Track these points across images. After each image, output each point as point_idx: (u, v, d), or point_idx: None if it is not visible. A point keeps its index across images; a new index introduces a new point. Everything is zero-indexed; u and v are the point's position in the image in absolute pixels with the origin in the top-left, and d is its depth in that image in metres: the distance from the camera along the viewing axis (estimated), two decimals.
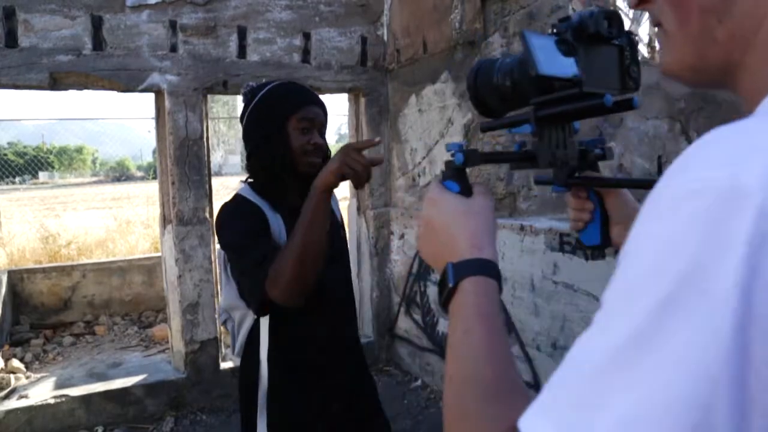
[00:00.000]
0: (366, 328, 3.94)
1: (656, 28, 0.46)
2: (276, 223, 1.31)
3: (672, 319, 0.30)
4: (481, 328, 0.49)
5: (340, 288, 1.43)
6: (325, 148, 1.35)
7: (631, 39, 0.59)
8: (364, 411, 1.48)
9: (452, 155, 0.63)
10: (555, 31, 0.58)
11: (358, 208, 3.89)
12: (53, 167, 37.23)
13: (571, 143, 0.67)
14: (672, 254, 0.31)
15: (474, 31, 3.04)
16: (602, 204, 0.74)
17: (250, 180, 1.38)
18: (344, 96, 3.88)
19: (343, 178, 1.15)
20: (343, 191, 3.89)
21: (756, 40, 0.39)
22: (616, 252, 0.59)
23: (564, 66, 0.55)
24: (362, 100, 3.77)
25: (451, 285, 0.52)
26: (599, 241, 0.74)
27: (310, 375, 1.37)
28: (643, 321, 0.31)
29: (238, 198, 1.34)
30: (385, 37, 3.76)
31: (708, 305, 0.29)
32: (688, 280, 0.30)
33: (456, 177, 0.62)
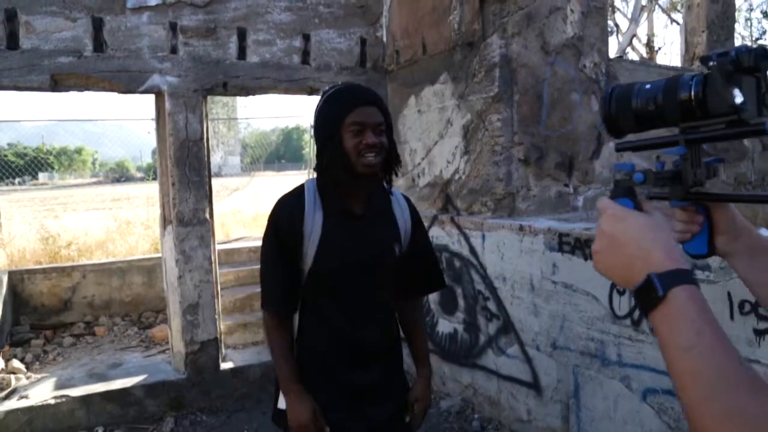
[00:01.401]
0: None
1: None
2: (311, 220, 1.38)
3: None
4: (711, 329, 0.53)
5: (361, 294, 1.44)
6: (380, 146, 1.34)
7: (766, 69, 0.66)
8: (381, 417, 1.48)
9: (625, 174, 0.68)
10: (715, 63, 0.64)
11: None
12: (53, 168, 37.22)
13: (703, 164, 0.73)
14: None
15: (473, 32, 3.06)
16: (708, 216, 0.78)
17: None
18: None
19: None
20: None
21: None
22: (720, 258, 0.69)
23: (735, 96, 0.63)
24: None
25: (660, 294, 0.56)
26: (706, 251, 0.79)
27: (324, 365, 1.44)
28: None
29: (296, 189, 1.44)
30: (385, 39, 3.77)
31: None
32: None
33: (630, 195, 0.67)
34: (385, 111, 1.38)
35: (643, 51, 12.62)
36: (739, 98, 0.62)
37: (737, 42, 5.54)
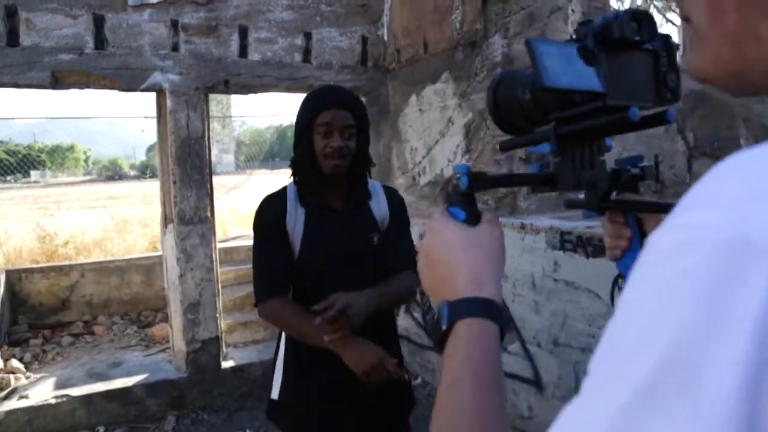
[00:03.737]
0: None
1: (685, 23, 0.38)
2: (294, 215, 1.43)
3: (648, 420, 0.23)
4: (471, 379, 0.44)
5: (347, 283, 1.42)
6: (346, 150, 1.38)
7: (668, 42, 0.52)
8: (378, 410, 1.48)
9: (457, 179, 0.56)
10: (575, 37, 0.52)
11: None
12: (45, 166, 36.95)
13: (600, 162, 0.59)
14: (654, 331, 0.24)
15: (475, 31, 3.07)
16: (641, 229, 0.63)
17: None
18: None
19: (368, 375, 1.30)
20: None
21: None
22: None
23: (583, 77, 0.48)
24: (363, 100, 3.78)
25: (444, 327, 0.48)
26: None
27: (315, 355, 1.44)
28: (618, 415, 0.25)
29: (278, 190, 1.50)
30: (386, 37, 3.78)
31: (694, 410, 0.22)
32: (672, 369, 0.23)
33: (462, 203, 0.56)
34: (358, 114, 1.41)
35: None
36: (565, 81, 0.48)
37: None
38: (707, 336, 0.22)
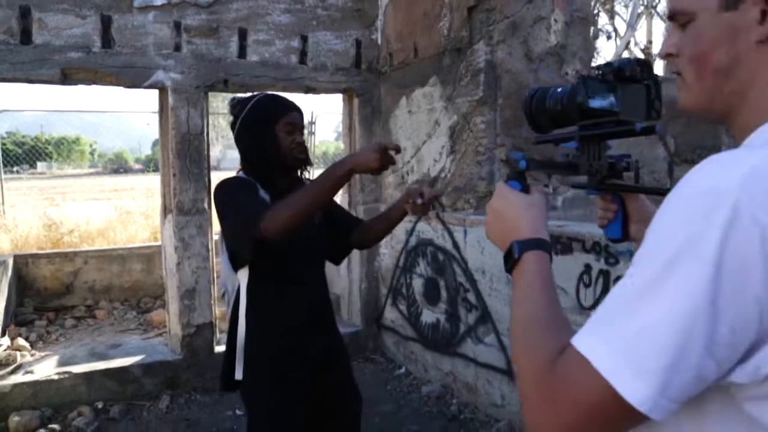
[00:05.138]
0: (354, 318, 4.13)
1: (676, 75, 0.65)
2: (265, 197, 1.60)
3: (675, 270, 0.49)
4: (540, 284, 0.66)
5: (311, 253, 1.70)
6: (304, 145, 1.66)
7: (656, 80, 0.78)
8: (337, 374, 1.75)
9: (516, 161, 0.82)
10: (600, 72, 0.78)
11: (349, 203, 4.08)
12: (51, 158, 37.21)
13: (604, 157, 0.86)
14: (678, 231, 0.50)
15: (461, 38, 3.24)
16: (624, 206, 0.91)
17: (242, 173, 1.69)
18: (339, 96, 4.07)
19: (378, 169, 1.37)
20: None
21: (748, 96, 0.58)
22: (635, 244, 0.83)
23: (606, 99, 0.76)
24: (356, 101, 3.96)
25: (516, 257, 0.70)
26: (620, 235, 0.92)
27: (282, 329, 1.63)
28: (657, 271, 0.50)
29: (237, 175, 1.66)
30: (379, 41, 3.95)
31: (696, 262, 0.48)
32: (687, 246, 0.49)
33: (518, 178, 0.81)
34: (303, 116, 1.68)
35: (641, 57, 12.79)
36: (596, 103, 0.76)
37: None
38: (704, 231, 0.48)
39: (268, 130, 1.59)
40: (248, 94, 1.70)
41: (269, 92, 1.73)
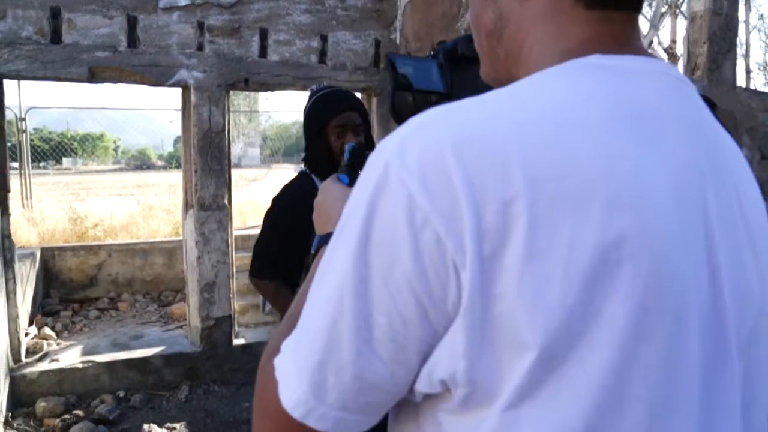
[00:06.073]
0: None
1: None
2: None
3: (338, 243, 0.43)
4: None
5: None
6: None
7: None
8: None
9: (348, 153, 0.78)
10: (431, 54, 0.71)
11: None
12: (76, 154, 38.02)
13: None
14: (350, 199, 0.44)
15: None
16: None
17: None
18: (357, 95, 4.12)
19: None
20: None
21: (520, 58, 0.51)
22: None
23: (435, 82, 0.68)
24: (374, 100, 4.00)
25: (312, 252, 0.66)
26: None
27: None
28: (330, 246, 0.44)
29: (299, 174, 1.70)
30: (398, 41, 3.98)
31: (350, 233, 0.41)
32: (348, 217, 0.43)
33: (347, 171, 0.77)
34: (363, 113, 1.64)
35: (665, 57, 12.60)
36: (439, 85, 0.67)
37: (738, 53, 5.61)
38: (360, 200, 0.41)
39: (319, 132, 1.59)
40: (324, 84, 1.69)
41: (330, 87, 1.70)
